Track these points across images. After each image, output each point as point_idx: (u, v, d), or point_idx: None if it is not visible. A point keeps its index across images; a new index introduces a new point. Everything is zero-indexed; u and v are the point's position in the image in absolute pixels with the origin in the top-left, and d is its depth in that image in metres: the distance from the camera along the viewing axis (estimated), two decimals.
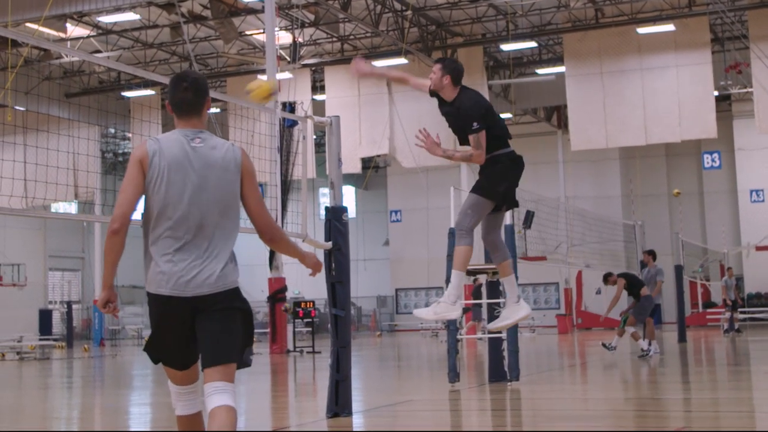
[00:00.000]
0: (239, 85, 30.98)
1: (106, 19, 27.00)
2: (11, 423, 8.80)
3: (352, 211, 40.13)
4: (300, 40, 28.18)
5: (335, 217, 7.89)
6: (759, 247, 32.14)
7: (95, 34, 28.35)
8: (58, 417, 9.64)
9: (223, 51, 29.47)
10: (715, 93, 27.31)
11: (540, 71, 31.86)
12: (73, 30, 27.44)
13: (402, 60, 28.12)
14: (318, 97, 30.98)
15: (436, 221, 35.34)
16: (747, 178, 35.66)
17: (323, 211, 7.94)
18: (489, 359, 11.28)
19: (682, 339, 19.94)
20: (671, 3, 26.96)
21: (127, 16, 26.45)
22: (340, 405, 7.68)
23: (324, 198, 41.92)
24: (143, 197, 4.08)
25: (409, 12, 26.85)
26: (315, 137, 32.22)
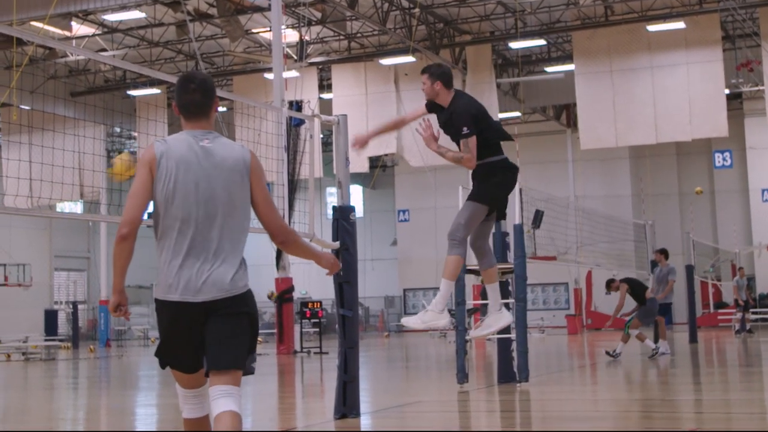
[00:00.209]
0: (246, 84, 30.96)
1: (111, 18, 26.96)
2: (17, 423, 8.79)
3: (359, 211, 40.15)
4: (307, 38, 28.11)
5: (343, 217, 7.86)
6: None
7: (101, 32, 28.34)
8: (63, 418, 9.61)
9: (230, 49, 29.41)
10: (726, 91, 27.12)
11: (549, 69, 31.68)
12: (79, 28, 27.41)
13: (410, 58, 28.02)
14: (325, 96, 30.94)
15: (444, 221, 35.07)
16: (759, 177, 35.41)
17: (330, 211, 7.88)
18: (498, 360, 11.22)
19: (693, 340, 19.79)
20: (682, 0, 26.78)
21: (133, 14, 26.44)
22: (347, 406, 7.65)
23: (331, 197, 41.86)
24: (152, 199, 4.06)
25: (417, 9, 26.70)
26: (322, 136, 32.13)
